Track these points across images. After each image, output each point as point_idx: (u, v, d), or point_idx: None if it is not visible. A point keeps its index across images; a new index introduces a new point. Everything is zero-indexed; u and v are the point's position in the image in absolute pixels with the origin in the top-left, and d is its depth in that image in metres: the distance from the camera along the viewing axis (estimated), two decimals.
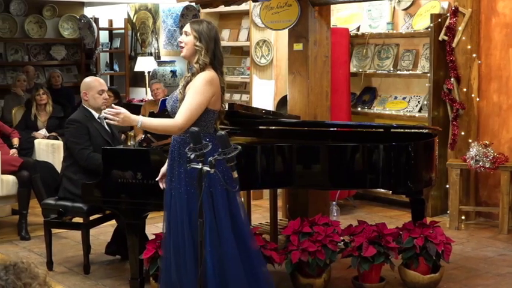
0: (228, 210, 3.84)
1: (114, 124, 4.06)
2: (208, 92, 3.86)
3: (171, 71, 9.80)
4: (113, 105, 3.94)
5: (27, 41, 10.88)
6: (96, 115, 5.32)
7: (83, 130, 5.22)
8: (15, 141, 6.90)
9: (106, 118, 3.90)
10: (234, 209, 3.88)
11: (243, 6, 7.04)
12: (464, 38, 6.47)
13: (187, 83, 3.95)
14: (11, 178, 6.26)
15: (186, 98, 3.87)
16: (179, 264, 3.90)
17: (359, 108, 7.66)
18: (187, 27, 3.97)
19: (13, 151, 6.68)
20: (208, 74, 3.90)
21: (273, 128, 5.55)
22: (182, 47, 3.98)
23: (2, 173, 6.20)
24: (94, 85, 5.31)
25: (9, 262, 1.78)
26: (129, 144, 5.73)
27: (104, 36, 11.27)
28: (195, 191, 3.80)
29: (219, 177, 3.53)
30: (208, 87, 3.86)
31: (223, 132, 3.40)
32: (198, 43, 3.90)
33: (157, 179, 4.16)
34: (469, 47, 6.48)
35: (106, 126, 5.32)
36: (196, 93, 3.85)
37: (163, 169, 4.11)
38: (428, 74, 6.77)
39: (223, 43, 8.64)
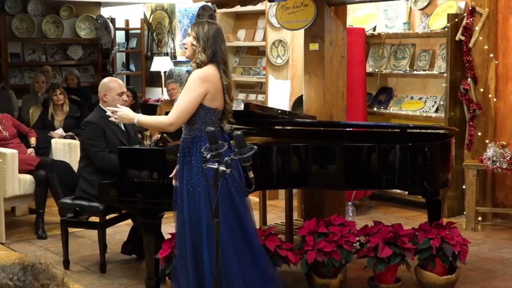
0: (231, 210, 3.81)
1: (115, 121, 4.33)
2: (199, 88, 3.85)
3: (187, 71, 9.81)
4: (118, 105, 4.14)
5: (45, 41, 10.96)
6: None
7: (99, 132, 5.22)
8: (33, 140, 6.95)
9: (109, 117, 4.16)
10: (240, 209, 3.86)
11: (259, 6, 7.04)
12: (481, 38, 6.43)
13: (186, 81, 4.00)
14: (28, 177, 6.30)
15: (179, 96, 3.91)
16: (183, 265, 3.91)
17: (375, 109, 7.64)
18: (189, 29, 4.04)
19: (30, 150, 6.73)
20: (202, 71, 3.90)
21: (289, 128, 5.54)
22: (186, 48, 4.04)
23: (20, 172, 6.24)
24: (114, 86, 5.28)
25: (27, 263, 1.77)
26: (145, 144, 5.74)
27: (120, 36, 11.33)
28: (194, 190, 3.82)
29: (234, 176, 3.54)
30: (200, 83, 3.86)
31: (239, 132, 3.40)
32: (194, 42, 3.94)
33: (170, 176, 4.18)
34: (486, 47, 6.43)
35: (122, 127, 5.33)
36: (186, 90, 3.89)
37: (178, 167, 4.13)
38: (445, 74, 6.73)
39: (239, 43, 8.65)
